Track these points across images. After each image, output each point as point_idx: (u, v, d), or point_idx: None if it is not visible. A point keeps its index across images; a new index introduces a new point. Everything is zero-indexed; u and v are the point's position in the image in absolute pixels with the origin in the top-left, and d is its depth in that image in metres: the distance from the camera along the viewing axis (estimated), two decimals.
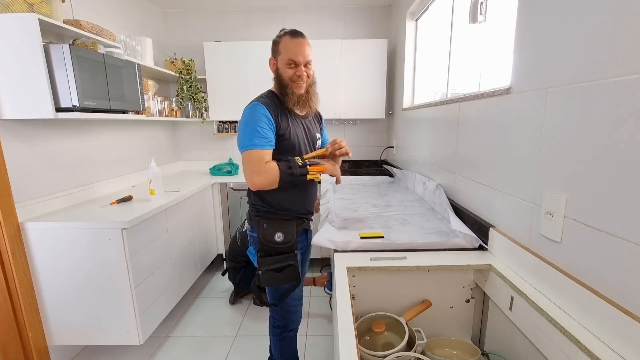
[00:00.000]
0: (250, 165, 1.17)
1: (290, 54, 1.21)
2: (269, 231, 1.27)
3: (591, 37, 0.75)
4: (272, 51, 1.27)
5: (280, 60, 1.23)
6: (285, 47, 1.21)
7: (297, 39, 1.21)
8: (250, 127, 1.17)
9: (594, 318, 0.74)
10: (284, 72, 1.23)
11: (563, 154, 0.84)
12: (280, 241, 1.27)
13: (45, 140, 1.75)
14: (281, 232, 1.27)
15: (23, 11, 1.45)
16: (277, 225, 1.28)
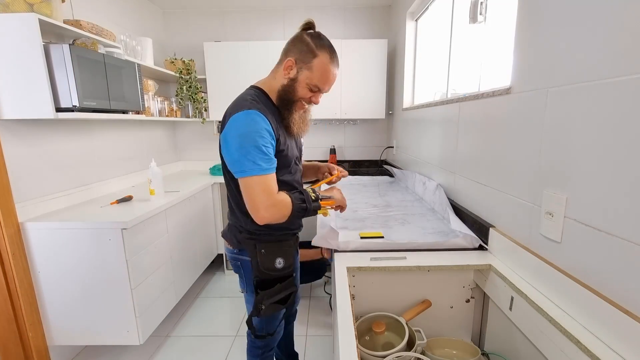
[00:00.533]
0: (259, 197, 0.93)
1: (322, 81, 1.00)
2: (269, 257, 1.08)
3: (591, 37, 0.75)
4: (299, 55, 0.98)
5: (306, 76, 0.99)
6: (321, 70, 0.98)
7: (335, 68, 1.01)
8: (251, 145, 0.91)
9: (594, 318, 0.74)
10: (302, 90, 1.01)
11: (563, 154, 0.84)
12: (281, 267, 1.10)
13: (45, 140, 1.75)
14: (282, 257, 1.10)
15: (23, 11, 1.45)
16: (277, 249, 1.10)
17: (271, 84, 1.07)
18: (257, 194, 0.94)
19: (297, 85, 1.01)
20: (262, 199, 0.94)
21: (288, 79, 1.01)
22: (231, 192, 1.12)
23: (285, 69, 1.00)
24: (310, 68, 0.98)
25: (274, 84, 1.06)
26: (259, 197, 0.94)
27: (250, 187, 0.94)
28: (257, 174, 0.93)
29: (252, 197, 0.94)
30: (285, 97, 1.03)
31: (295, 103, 1.04)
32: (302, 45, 0.98)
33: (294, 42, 1.00)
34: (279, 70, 1.04)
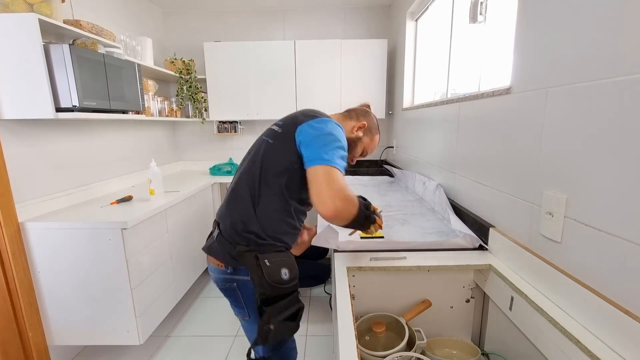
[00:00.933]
0: (335, 185, 0.89)
1: (371, 150, 1.27)
2: (274, 269, 0.97)
3: (591, 36, 0.75)
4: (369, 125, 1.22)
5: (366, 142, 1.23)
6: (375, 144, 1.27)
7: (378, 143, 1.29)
8: (340, 147, 0.96)
9: (594, 318, 0.74)
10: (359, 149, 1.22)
11: (563, 154, 0.84)
12: (287, 279, 0.98)
13: (45, 140, 1.75)
14: (286, 268, 0.99)
15: (23, 11, 1.45)
16: (280, 260, 1.00)
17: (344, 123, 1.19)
18: (333, 181, 0.90)
19: (358, 144, 1.20)
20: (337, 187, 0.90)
21: (355, 136, 1.18)
22: (255, 193, 1.02)
23: (359, 127, 1.19)
24: (372, 139, 1.24)
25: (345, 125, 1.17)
26: (334, 184, 0.90)
27: (329, 175, 0.90)
28: (339, 169, 0.93)
29: (327, 183, 0.90)
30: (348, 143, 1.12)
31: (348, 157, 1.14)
32: (372, 121, 1.25)
33: (367, 115, 1.24)
34: (350, 121, 1.20)
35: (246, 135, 3.30)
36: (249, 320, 1.10)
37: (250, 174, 1.04)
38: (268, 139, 1.07)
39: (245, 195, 1.03)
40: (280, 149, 1.03)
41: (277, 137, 1.05)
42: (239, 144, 3.35)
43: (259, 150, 1.07)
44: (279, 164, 1.01)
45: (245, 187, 1.04)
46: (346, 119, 1.21)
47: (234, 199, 1.07)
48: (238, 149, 3.36)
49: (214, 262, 1.08)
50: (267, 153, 1.04)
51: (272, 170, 1.02)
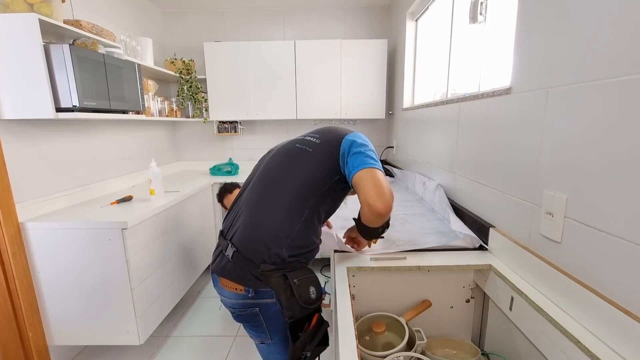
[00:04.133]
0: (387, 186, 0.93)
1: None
2: (303, 287, 0.91)
3: (591, 37, 0.75)
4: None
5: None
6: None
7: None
8: (374, 152, 1.02)
9: (594, 318, 0.74)
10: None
11: (563, 154, 0.84)
12: (314, 298, 0.92)
13: (45, 140, 1.75)
14: (313, 286, 0.93)
15: (23, 11, 1.45)
16: (307, 277, 0.93)
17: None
18: (385, 183, 0.93)
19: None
20: (389, 188, 0.93)
21: None
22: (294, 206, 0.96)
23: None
24: None
25: None
26: (386, 185, 0.92)
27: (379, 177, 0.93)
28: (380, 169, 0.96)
29: (381, 184, 0.92)
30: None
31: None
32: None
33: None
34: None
35: (246, 135, 3.30)
36: (270, 343, 1.02)
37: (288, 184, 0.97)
38: (306, 147, 1.03)
39: (279, 207, 0.95)
40: (321, 157, 1.00)
41: (317, 146, 1.03)
42: (239, 144, 3.35)
43: (295, 159, 1.01)
44: (320, 173, 0.99)
45: (280, 198, 0.96)
46: None
47: (262, 211, 0.96)
48: (238, 149, 3.36)
49: (230, 287, 0.96)
50: (307, 163, 1.00)
51: (311, 180, 0.98)
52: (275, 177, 1.00)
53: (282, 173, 1.00)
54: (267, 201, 0.97)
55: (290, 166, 1.00)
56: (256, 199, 1.00)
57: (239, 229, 0.98)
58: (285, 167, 1.01)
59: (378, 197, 0.89)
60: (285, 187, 0.97)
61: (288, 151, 1.06)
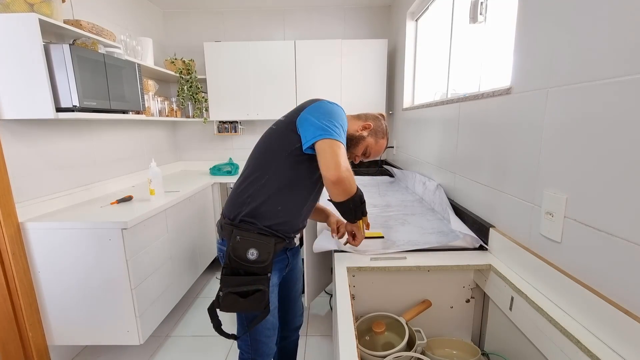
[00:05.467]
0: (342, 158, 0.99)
1: (374, 153, 1.24)
2: (242, 245, 1.04)
3: (591, 37, 0.75)
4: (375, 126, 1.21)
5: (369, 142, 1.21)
6: (379, 147, 1.24)
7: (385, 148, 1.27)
8: (338, 122, 1.03)
9: (594, 318, 0.74)
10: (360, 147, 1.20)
11: (563, 154, 0.84)
12: (253, 259, 1.04)
13: (45, 140, 1.75)
14: (255, 249, 1.04)
15: (23, 11, 1.45)
16: (253, 240, 1.06)
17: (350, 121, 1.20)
18: (341, 155, 0.99)
19: (360, 142, 1.19)
20: (344, 160, 0.99)
21: (359, 133, 1.19)
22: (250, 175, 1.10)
23: (364, 127, 1.20)
24: (376, 141, 1.22)
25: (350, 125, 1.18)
26: (342, 157, 0.99)
27: (335, 148, 0.99)
28: (341, 142, 1.00)
29: (336, 156, 0.98)
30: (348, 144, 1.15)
31: (349, 154, 1.18)
32: (380, 125, 1.24)
33: (376, 119, 1.24)
34: (356, 122, 1.22)
35: (246, 135, 3.31)
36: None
37: (252, 156, 1.15)
38: (273, 126, 1.16)
39: (244, 175, 1.13)
40: (280, 131, 1.11)
41: (280, 123, 1.13)
42: (239, 144, 3.36)
43: (264, 136, 1.17)
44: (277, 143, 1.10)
45: (246, 168, 1.14)
46: (355, 119, 1.24)
47: (237, 181, 1.17)
48: (238, 149, 3.36)
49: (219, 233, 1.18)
50: (268, 136, 1.14)
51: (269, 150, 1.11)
52: (250, 155, 1.18)
53: (253, 150, 1.17)
54: (241, 173, 1.16)
55: (258, 143, 1.16)
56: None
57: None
58: (257, 144, 1.17)
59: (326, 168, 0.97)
60: (251, 159, 1.15)
61: (263, 133, 1.19)
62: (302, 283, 1.42)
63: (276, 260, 1.14)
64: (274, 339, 1.21)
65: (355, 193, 1.05)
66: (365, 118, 1.24)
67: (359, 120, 1.23)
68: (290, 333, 1.41)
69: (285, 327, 1.38)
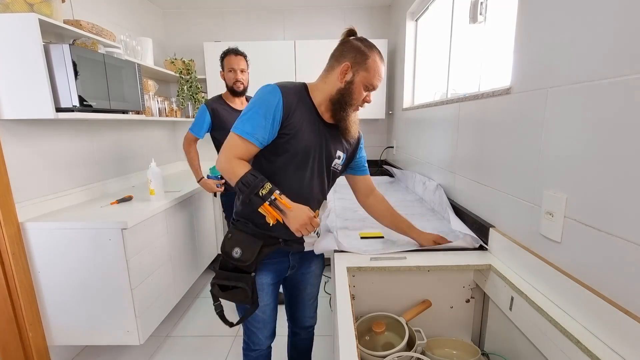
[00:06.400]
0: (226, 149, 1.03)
1: (376, 79, 1.04)
2: (230, 243, 1.10)
3: (591, 37, 0.75)
4: (353, 59, 1.01)
5: (362, 77, 1.02)
6: (374, 68, 1.02)
7: (383, 63, 1.06)
8: (252, 110, 1.00)
9: (594, 318, 0.74)
10: (358, 91, 1.04)
11: (563, 154, 0.84)
12: (236, 257, 1.08)
13: (45, 140, 1.75)
14: (240, 248, 1.08)
15: (23, 11, 1.45)
16: (241, 240, 1.10)
17: (317, 85, 1.09)
18: (226, 147, 1.03)
19: (354, 87, 1.04)
20: (226, 152, 1.03)
21: (345, 83, 1.04)
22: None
23: (341, 73, 1.03)
24: (366, 69, 1.02)
25: (323, 87, 1.08)
26: (226, 150, 1.03)
27: (227, 141, 1.04)
28: (236, 133, 1.01)
29: (224, 148, 1.04)
30: (342, 100, 1.05)
31: (351, 105, 1.06)
32: (354, 50, 1.02)
33: (344, 48, 1.04)
34: (330, 75, 1.06)
35: None
36: None
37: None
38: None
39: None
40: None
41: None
42: None
43: None
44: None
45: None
46: (324, 77, 1.08)
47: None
48: None
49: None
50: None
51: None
52: None
53: None
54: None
55: None
56: None
57: None
58: None
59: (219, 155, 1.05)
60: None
61: None
62: (317, 287, 1.42)
63: (268, 262, 1.17)
64: (264, 333, 1.27)
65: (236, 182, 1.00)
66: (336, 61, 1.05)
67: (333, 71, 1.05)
68: (299, 330, 1.45)
69: (294, 324, 1.45)
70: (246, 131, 1.00)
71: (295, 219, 1.02)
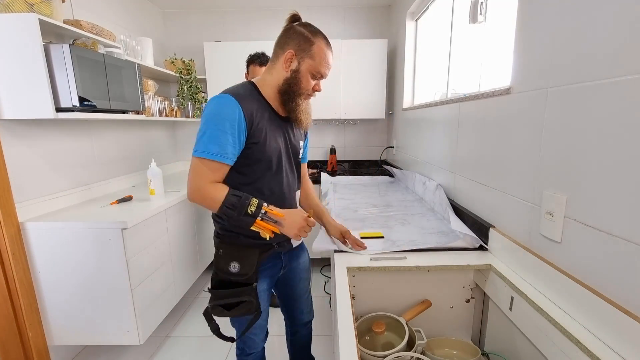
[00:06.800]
0: (192, 177, 0.96)
1: (323, 66, 1.01)
2: (224, 259, 1.04)
3: (591, 37, 0.75)
4: (297, 47, 0.98)
5: (308, 65, 0.99)
6: (320, 55, 0.99)
7: (330, 50, 1.02)
8: (211, 128, 0.93)
9: (594, 318, 0.74)
10: (305, 80, 1.01)
11: (563, 154, 0.84)
12: (235, 272, 1.03)
13: (45, 140, 1.75)
14: (238, 262, 1.03)
15: (23, 11, 1.45)
16: (235, 253, 1.05)
17: (265, 79, 1.05)
18: (194, 174, 0.95)
19: (300, 76, 1.00)
20: (196, 180, 0.95)
21: (290, 72, 1.01)
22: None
23: (286, 61, 1.00)
24: (311, 56, 0.99)
25: (270, 79, 1.04)
26: (194, 176, 0.95)
27: (193, 166, 0.96)
28: (202, 156, 0.94)
29: (192, 174, 0.96)
30: (290, 90, 1.02)
31: (300, 94, 1.02)
32: (298, 36, 0.99)
33: (288, 35, 1.00)
34: (275, 65, 1.03)
35: None
36: None
37: None
38: None
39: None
40: None
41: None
42: None
43: None
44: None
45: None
46: (269, 68, 1.05)
47: None
48: None
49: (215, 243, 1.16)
50: None
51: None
52: None
53: None
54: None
55: None
56: None
57: None
58: None
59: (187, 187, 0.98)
60: None
61: None
62: (308, 280, 1.39)
63: (265, 268, 1.14)
64: (260, 336, 1.26)
65: (220, 208, 0.94)
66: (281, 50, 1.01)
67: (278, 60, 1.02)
68: (299, 328, 1.43)
69: (293, 322, 1.41)
70: (213, 152, 0.93)
71: (291, 226, 0.99)
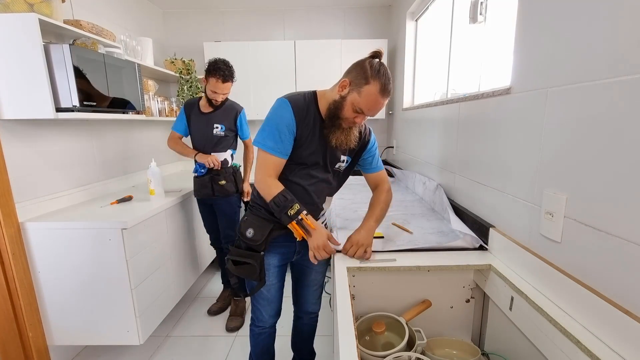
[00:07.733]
0: (259, 169, 1.16)
1: (367, 107, 1.07)
2: (245, 224, 1.24)
3: (591, 37, 0.75)
4: (354, 78, 1.06)
5: (354, 98, 1.06)
6: (368, 96, 1.04)
7: (383, 98, 1.06)
8: (271, 126, 1.12)
9: (594, 318, 0.74)
10: (347, 109, 1.09)
11: (563, 154, 0.84)
12: (249, 237, 1.22)
13: (46, 140, 1.75)
14: (252, 229, 1.22)
15: (23, 11, 1.45)
16: (254, 222, 1.23)
17: (325, 93, 1.18)
18: (259, 166, 1.16)
19: (344, 104, 1.09)
20: (260, 171, 1.16)
21: (339, 96, 1.10)
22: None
23: (341, 86, 1.10)
24: (359, 92, 1.06)
25: (328, 94, 1.16)
26: (259, 168, 1.16)
27: (260, 158, 1.17)
28: (264, 149, 1.14)
29: (257, 165, 1.17)
30: (334, 111, 1.12)
31: (341, 119, 1.12)
32: (360, 71, 1.06)
33: (355, 66, 1.09)
34: (336, 85, 1.13)
35: None
36: None
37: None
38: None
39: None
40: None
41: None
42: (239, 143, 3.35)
43: None
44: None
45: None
46: (334, 85, 1.15)
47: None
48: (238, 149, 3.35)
49: None
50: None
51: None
52: None
53: None
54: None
55: None
56: None
57: None
58: None
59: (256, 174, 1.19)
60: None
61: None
62: (323, 274, 1.49)
63: (276, 244, 1.27)
64: (268, 311, 1.36)
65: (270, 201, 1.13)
66: (346, 72, 1.11)
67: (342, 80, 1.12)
68: (302, 314, 1.54)
69: (299, 309, 1.54)
70: (269, 146, 1.12)
71: (313, 242, 1.13)
